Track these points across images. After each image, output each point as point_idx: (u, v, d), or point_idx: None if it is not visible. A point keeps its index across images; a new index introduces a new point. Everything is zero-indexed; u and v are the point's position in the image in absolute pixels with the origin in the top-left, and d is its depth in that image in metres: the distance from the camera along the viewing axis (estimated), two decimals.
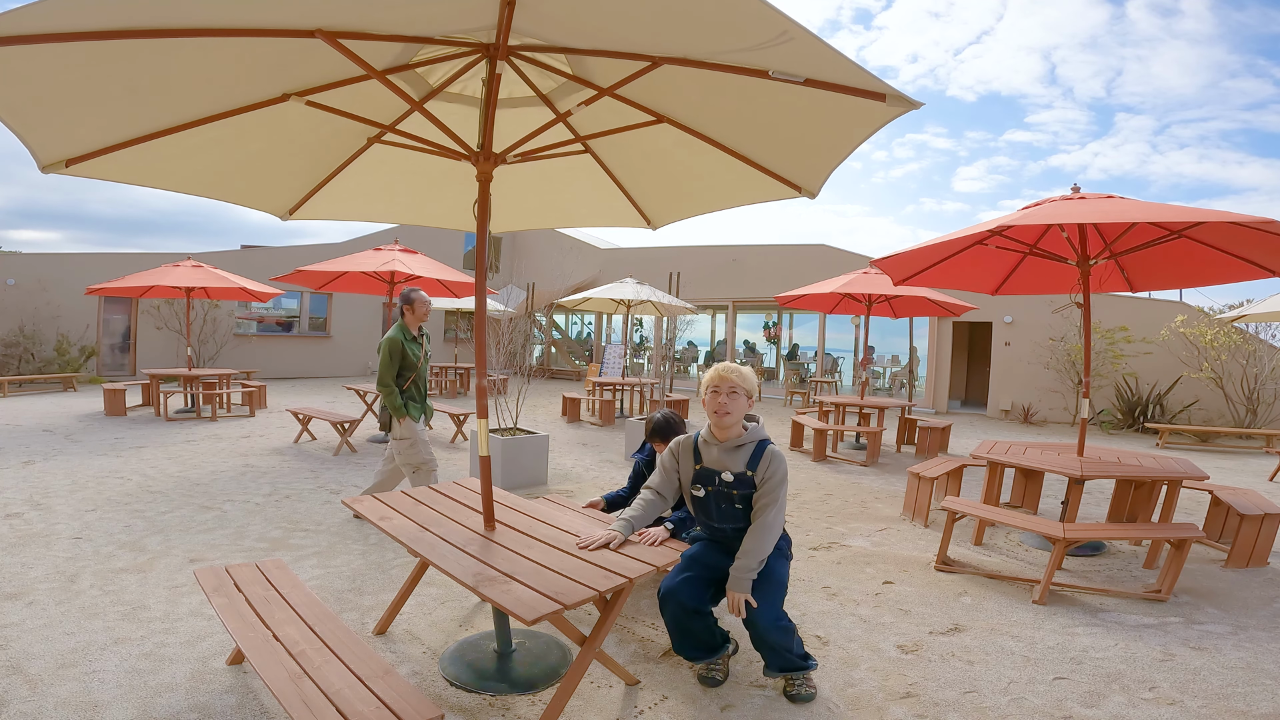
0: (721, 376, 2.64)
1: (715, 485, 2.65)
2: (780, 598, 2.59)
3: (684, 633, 2.63)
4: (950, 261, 5.30)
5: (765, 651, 2.60)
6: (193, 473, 6.12)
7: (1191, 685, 2.79)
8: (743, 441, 2.64)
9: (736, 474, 2.61)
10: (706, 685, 2.67)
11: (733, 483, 2.61)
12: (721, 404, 2.61)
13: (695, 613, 2.59)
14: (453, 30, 2.42)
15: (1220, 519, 4.78)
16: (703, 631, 2.64)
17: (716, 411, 2.62)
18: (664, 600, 2.62)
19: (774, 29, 1.95)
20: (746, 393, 2.65)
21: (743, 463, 2.61)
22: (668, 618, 2.64)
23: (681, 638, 2.65)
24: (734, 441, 2.64)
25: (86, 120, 2.44)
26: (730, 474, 2.61)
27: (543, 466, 6.27)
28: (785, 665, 2.61)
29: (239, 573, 2.74)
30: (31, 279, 13.36)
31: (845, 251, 14.73)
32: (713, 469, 2.66)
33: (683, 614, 2.59)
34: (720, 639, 2.71)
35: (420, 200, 3.86)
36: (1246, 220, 3.27)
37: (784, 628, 2.57)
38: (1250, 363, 11.09)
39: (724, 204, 3.45)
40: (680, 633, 2.63)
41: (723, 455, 2.65)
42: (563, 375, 19.36)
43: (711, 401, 2.64)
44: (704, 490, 2.68)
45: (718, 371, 2.66)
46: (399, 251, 8.03)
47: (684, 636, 2.64)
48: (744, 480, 2.60)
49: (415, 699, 1.90)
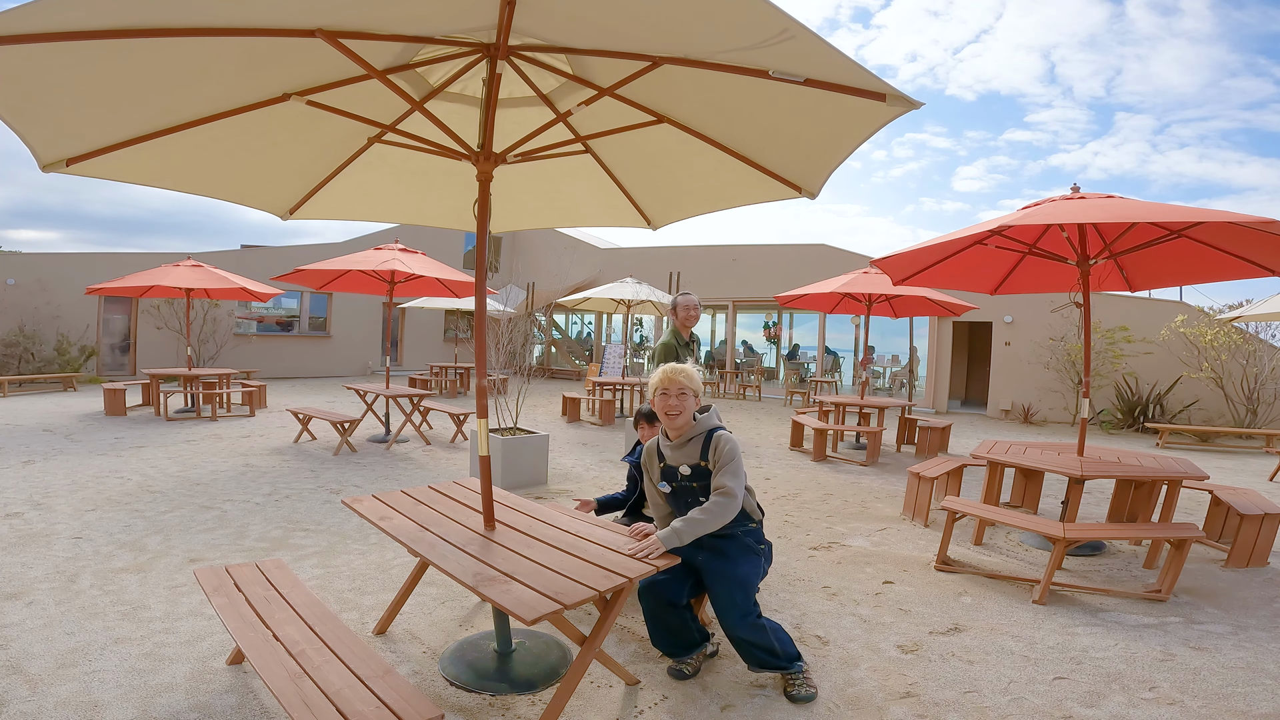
0: (670, 379, 2.73)
1: (677, 481, 2.76)
2: (743, 595, 2.59)
3: (659, 625, 2.74)
4: (950, 261, 5.30)
5: (740, 648, 2.63)
6: (193, 472, 6.11)
7: (1191, 685, 2.79)
8: (693, 435, 2.74)
9: (693, 466, 2.71)
10: (674, 678, 2.73)
11: (690, 475, 2.71)
12: (671, 405, 2.71)
13: (670, 605, 2.68)
14: (453, 30, 2.42)
15: (1220, 519, 4.78)
16: (679, 626, 2.72)
17: (667, 413, 2.72)
18: (642, 592, 2.74)
19: (775, 27, 1.95)
20: (694, 392, 2.75)
21: (696, 454, 2.71)
22: (645, 609, 2.75)
23: (657, 630, 2.76)
24: (686, 436, 2.74)
25: (87, 119, 2.44)
26: (687, 467, 2.72)
27: (543, 466, 6.27)
28: (764, 663, 2.63)
29: (239, 573, 2.74)
30: (31, 279, 13.35)
31: (845, 251, 14.74)
32: (673, 465, 2.77)
33: (659, 606, 2.70)
34: (698, 637, 2.78)
35: (420, 200, 3.85)
36: (1246, 220, 3.27)
37: (756, 625, 2.58)
38: (1250, 363, 11.09)
39: (724, 204, 3.45)
40: (656, 624, 2.75)
41: (677, 452, 2.75)
42: (563, 375, 19.35)
43: (661, 403, 2.74)
44: (670, 487, 2.80)
45: (665, 374, 2.75)
46: (399, 251, 8.03)
47: (659, 629, 2.74)
48: (700, 471, 2.70)
49: (415, 699, 1.90)
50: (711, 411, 2.85)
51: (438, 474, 6.56)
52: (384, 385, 8.55)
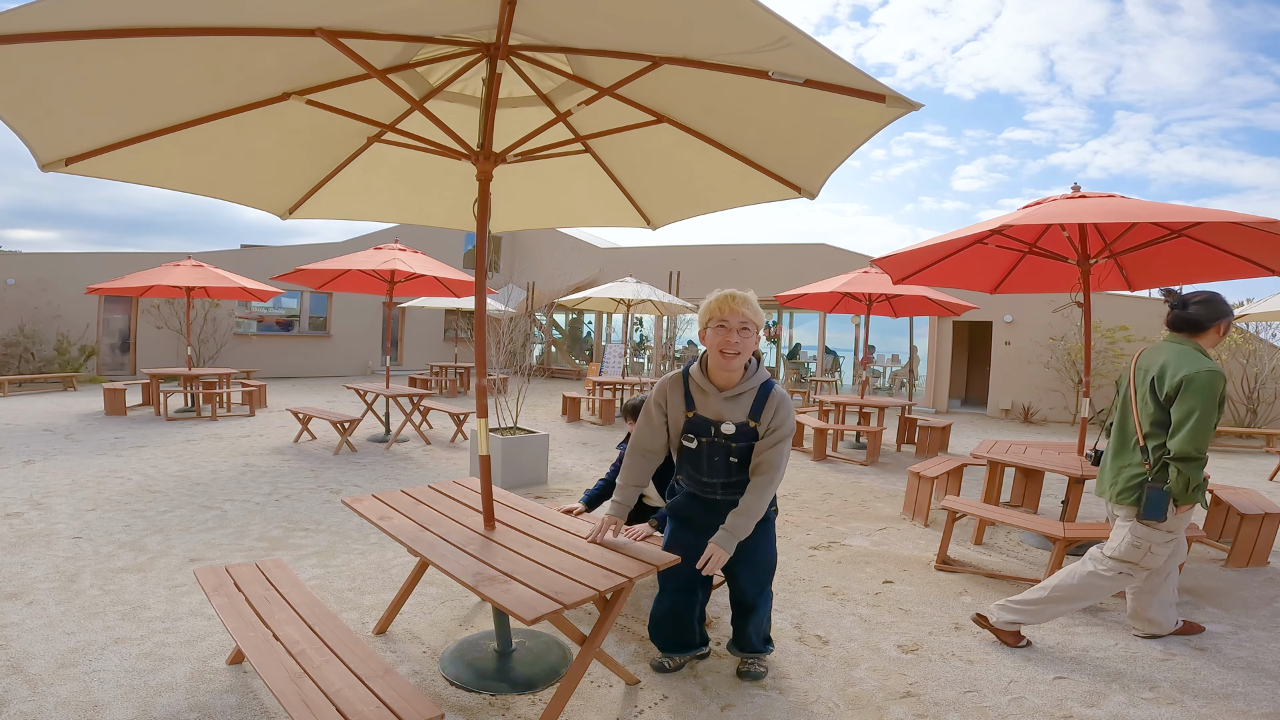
0: (731, 308, 2.15)
1: (710, 437, 2.26)
2: (768, 577, 2.59)
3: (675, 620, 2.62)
4: (950, 260, 5.30)
5: (743, 622, 2.61)
6: (193, 472, 6.11)
7: (1191, 685, 2.79)
8: (744, 388, 2.24)
9: (739, 424, 2.22)
10: (656, 670, 2.67)
11: (733, 435, 2.23)
12: (731, 342, 2.16)
13: (692, 602, 2.62)
14: (453, 30, 2.42)
15: (1220, 518, 4.78)
16: (687, 625, 2.66)
17: (724, 351, 2.17)
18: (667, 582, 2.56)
19: (772, 34, 1.95)
20: (758, 327, 2.21)
21: (744, 411, 2.23)
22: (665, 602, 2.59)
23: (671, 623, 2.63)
24: (735, 389, 2.24)
25: (86, 119, 2.43)
26: (732, 425, 2.23)
27: (543, 466, 6.27)
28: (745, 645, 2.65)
29: (239, 572, 2.74)
30: (31, 279, 13.35)
31: (845, 251, 14.74)
32: (708, 419, 2.27)
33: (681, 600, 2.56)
34: (699, 640, 2.72)
35: (420, 200, 3.85)
36: (1247, 220, 3.27)
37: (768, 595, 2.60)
38: (1250, 362, 11.09)
39: (724, 204, 3.45)
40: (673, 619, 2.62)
41: (722, 404, 2.25)
42: (563, 375, 19.35)
43: (717, 338, 2.18)
44: (696, 442, 2.29)
45: (725, 301, 2.18)
46: (399, 251, 8.03)
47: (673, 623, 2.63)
48: (745, 432, 2.23)
49: (415, 699, 1.90)
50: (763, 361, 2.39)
51: (438, 474, 6.56)
52: (384, 385, 8.55)
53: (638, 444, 2.49)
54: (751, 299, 2.25)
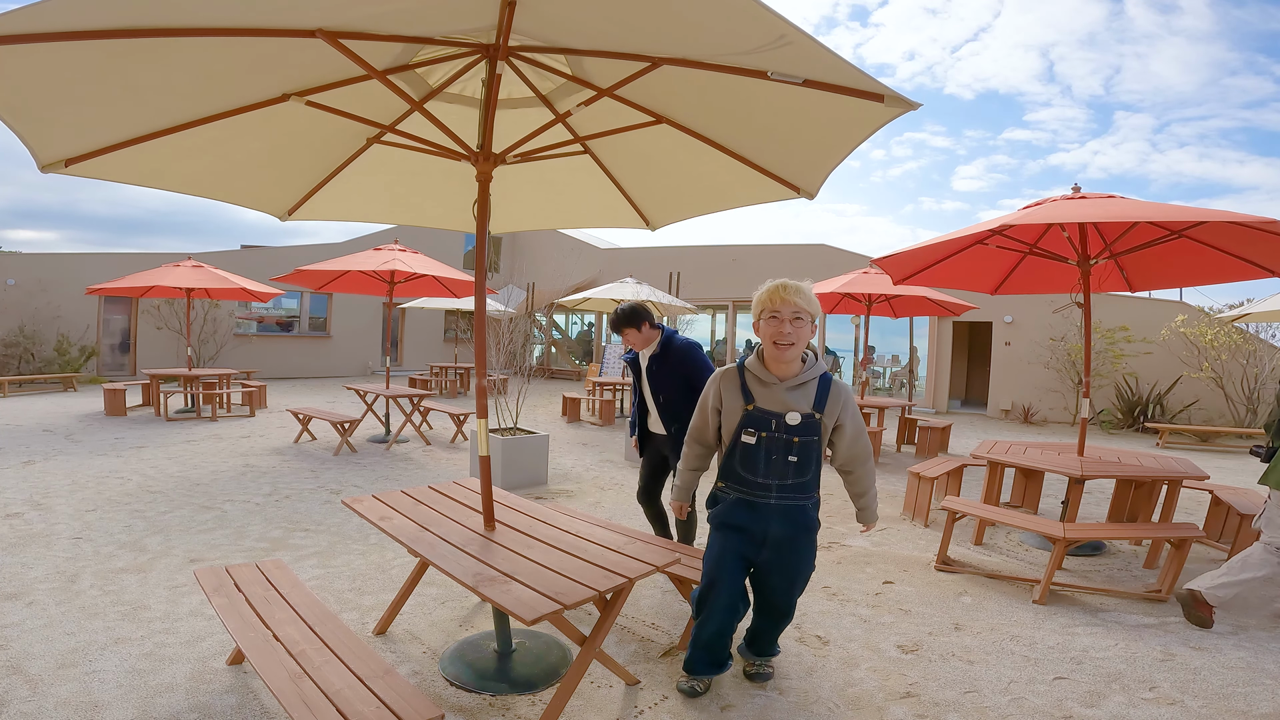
0: (782, 298, 2.13)
1: (771, 431, 2.21)
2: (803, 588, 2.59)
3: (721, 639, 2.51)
4: (950, 261, 5.30)
5: (767, 627, 2.61)
6: (193, 473, 6.12)
7: (1192, 685, 2.79)
8: (805, 378, 2.22)
9: (804, 416, 2.20)
10: (687, 695, 2.55)
11: (797, 427, 2.21)
12: (785, 334, 2.15)
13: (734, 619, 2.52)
14: (453, 31, 2.42)
15: (1220, 519, 4.77)
16: (725, 645, 2.56)
17: (778, 342, 2.16)
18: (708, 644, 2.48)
19: (772, 33, 1.95)
20: (812, 317, 2.19)
21: (808, 402, 2.20)
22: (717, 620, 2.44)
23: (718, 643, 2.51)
24: (796, 379, 2.22)
25: (86, 120, 2.43)
26: (797, 415, 2.19)
27: (543, 466, 6.27)
28: (763, 650, 2.68)
29: (239, 573, 2.74)
30: (31, 279, 13.36)
31: (845, 251, 14.73)
32: (771, 410, 2.22)
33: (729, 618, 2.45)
34: (727, 657, 2.64)
35: (420, 200, 3.85)
36: (1247, 220, 3.27)
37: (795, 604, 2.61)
38: (1250, 363, 11.09)
39: (723, 205, 3.45)
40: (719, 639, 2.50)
41: (785, 395, 2.22)
42: (563, 375, 19.36)
43: (770, 329, 2.16)
44: (756, 437, 2.24)
45: (776, 291, 2.15)
46: (399, 251, 8.04)
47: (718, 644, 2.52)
48: (810, 424, 2.21)
49: (415, 699, 1.90)
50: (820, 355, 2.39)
51: (438, 474, 6.56)
52: (384, 385, 8.55)
53: (694, 435, 2.53)
54: (805, 289, 2.22)
